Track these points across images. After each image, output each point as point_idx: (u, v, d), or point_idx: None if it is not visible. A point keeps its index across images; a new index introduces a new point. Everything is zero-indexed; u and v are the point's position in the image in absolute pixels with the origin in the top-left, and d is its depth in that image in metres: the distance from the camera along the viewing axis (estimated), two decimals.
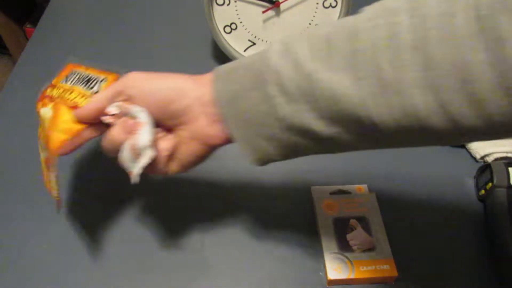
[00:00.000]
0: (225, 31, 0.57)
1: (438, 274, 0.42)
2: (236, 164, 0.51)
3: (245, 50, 0.59)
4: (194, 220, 0.46)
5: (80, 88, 0.39)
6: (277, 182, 0.49)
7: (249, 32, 0.58)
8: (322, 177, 0.49)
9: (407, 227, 0.45)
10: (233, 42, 0.59)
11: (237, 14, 0.56)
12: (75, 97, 0.38)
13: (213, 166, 0.51)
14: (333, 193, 0.47)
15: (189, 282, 0.41)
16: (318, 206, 0.45)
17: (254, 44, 0.59)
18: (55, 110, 0.37)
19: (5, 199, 0.48)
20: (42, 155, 0.39)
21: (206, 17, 0.55)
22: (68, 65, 0.43)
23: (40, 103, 0.40)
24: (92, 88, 0.38)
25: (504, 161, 0.47)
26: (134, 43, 0.68)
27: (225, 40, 0.58)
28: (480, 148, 0.50)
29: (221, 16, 0.56)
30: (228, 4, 0.55)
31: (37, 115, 0.40)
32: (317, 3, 0.55)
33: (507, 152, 0.49)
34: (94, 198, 0.48)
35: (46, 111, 0.38)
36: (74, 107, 0.37)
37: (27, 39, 1.51)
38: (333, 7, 0.55)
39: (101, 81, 0.39)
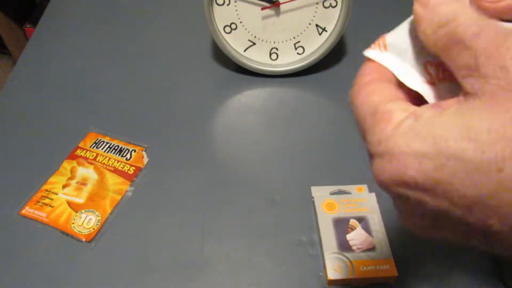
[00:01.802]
0: (225, 31, 0.57)
1: (438, 274, 0.42)
2: (236, 163, 0.51)
3: (245, 50, 0.59)
4: (194, 220, 0.46)
5: (116, 156, 0.50)
6: (277, 182, 0.49)
7: (249, 32, 0.58)
8: (322, 177, 0.49)
9: None
10: (233, 42, 0.59)
11: (237, 14, 0.56)
12: (113, 163, 0.50)
13: (212, 165, 0.51)
14: (333, 193, 0.47)
15: (189, 282, 0.41)
16: (318, 206, 0.45)
17: (254, 44, 0.59)
18: (99, 173, 0.49)
19: (4, 199, 0.48)
20: (76, 200, 0.47)
21: (206, 17, 0.55)
22: (90, 133, 0.53)
23: (74, 161, 0.50)
24: (125, 156, 0.50)
25: None
26: (134, 43, 0.68)
27: (225, 40, 0.58)
28: None
29: (221, 16, 0.56)
30: (228, 4, 0.55)
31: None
32: (317, 3, 0.55)
33: None
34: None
35: (89, 172, 0.49)
36: (115, 171, 0.49)
37: (27, 39, 1.51)
38: (333, 7, 0.55)
39: (132, 151, 0.51)
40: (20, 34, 1.53)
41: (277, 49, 0.59)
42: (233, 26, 0.57)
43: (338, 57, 0.64)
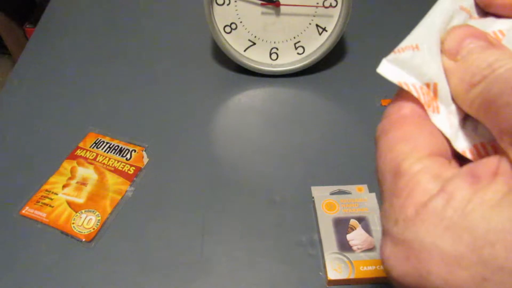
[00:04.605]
0: (225, 31, 0.57)
1: None
2: (236, 163, 0.51)
3: (245, 50, 0.59)
4: (194, 220, 0.46)
5: (116, 156, 0.50)
6: (277, 182, 0.49)
7: (249, 32, 0.58)
8: (322, 177, 0.49)
9: None
10: (233, 42, 0.59)
11: (237, 14, 0.56)
12: (113, 163, 0.50)
13: (213, 165, 0.51)
14: (333, 193, 0.47)
15: (189, 282, 0.41)
16: (318, 206, 0.45)
17: (254, 44, 0.59)
18: (99, 173, 0.49)
19: (5, 199, 0.48)
20: (76, 200, 0.47)
21: (206, 17, 0.55)
22: (90, 133, 0.53)
23: (74, 161, 0.50)
24: (125, 156, 0.50)
25: None
26: (134, 43, 0.68)
27: (225, 40, 0.58)
28: None
29: (221, 16, 0.56)
30: (228, 4, 0.55)
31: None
32: (317, 3, 0.55)
33: None
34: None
35: (89, 172, 0.49)
36: (115, 171, 0.49)
37: (27, 39, 1.51)
38: (333, 7, 0.55)
39: (132, 151, 0.51)
40: (20, 34, 1.53)
41: (277, 49, 0.59)
42: (233, 26, 0.57)
43: (338, 57, 0.64)
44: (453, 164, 0.16)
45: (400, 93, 0.18)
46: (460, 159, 0.17)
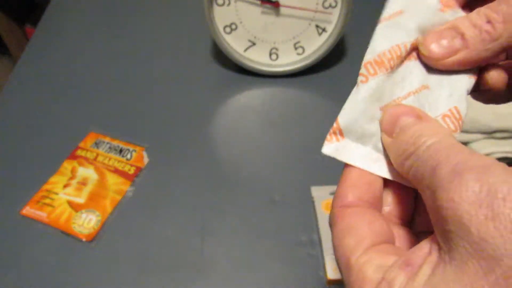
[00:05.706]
0: (225, 31, 0.58)
1: None
2: (235, 163, 0.51)
3: (245, 50, 0.59)
4: (194, 220, 0.46)
5: (116, 156, 0.51)
6: (277, 182, 0.49)
7: (249, 32, 0.58)
8: (322, 177, 0.49)
9: None
10: (233, 42, 0.59)
11: (237, 14, 0.56)
12: (114, 163, 0.50)
13: (213, 165, 0.51)
14: (333, 193, 0.47)
15: (189, 282, 0.41)
16: (318, 206, 0.45)
17: (254, 44, 0.59)
18: (100, 173, 0.49)
19: (5, 199, 0.48)
20: (76, 200, 0.47)
21: (206, 17, 0.55)
22: (90, 133, 0.53)
23: (74, 161, 0.50)
24: (125, 156, 0.50)
25: (505, 161, 0.47)
26: (134, 43, 0.68)
27: (225, 40, 0.58)
28: (481, 148, 0.50)
29: (221, 16, 0.56)
30: (228, 5, 0.55)
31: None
32: (317, 3, 0.55)
33: (507, 152, 0.49)
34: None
35: (89, 172, 0.49)
36: (115, 171, 0.49)
37: (27, 39, 1.51)
38: (333, 7, 0.55)
39: (132, 151, 0.51)
40: (20, 34, 1.53)
41: (277, 49, 0.59)
42: (233, 26, 0.57)
43: (338, 57, 0.64)
44: (398, 242, 0.19)
45: (343, 178, 0.21)
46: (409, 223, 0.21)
